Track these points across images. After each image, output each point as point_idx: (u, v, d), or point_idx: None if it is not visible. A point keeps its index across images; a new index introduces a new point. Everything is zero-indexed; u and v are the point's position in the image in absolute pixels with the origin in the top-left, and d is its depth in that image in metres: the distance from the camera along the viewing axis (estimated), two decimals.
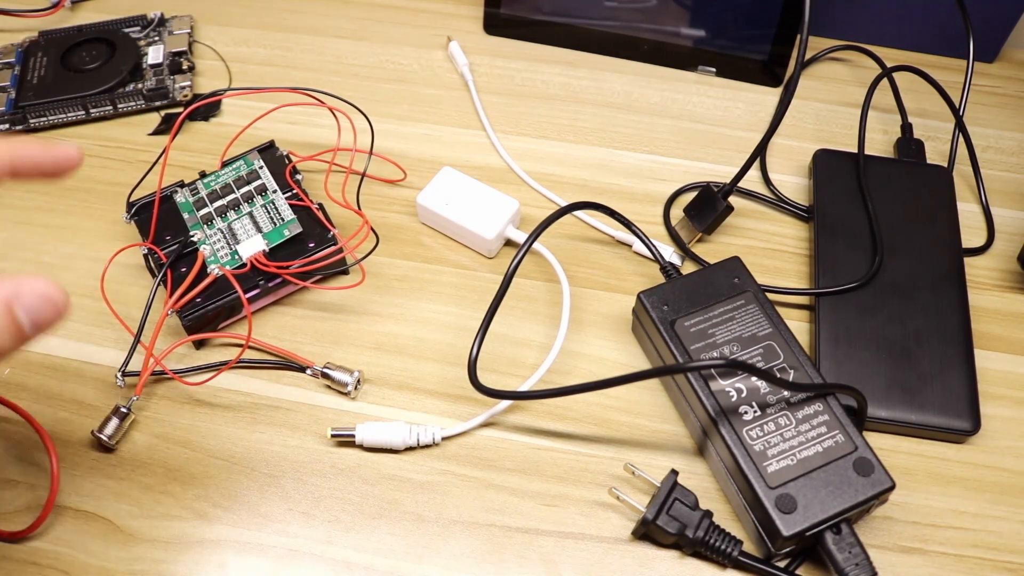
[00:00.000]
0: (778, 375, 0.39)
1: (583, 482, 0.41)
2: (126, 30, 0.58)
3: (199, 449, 0.41)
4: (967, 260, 0.49)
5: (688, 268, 0.48)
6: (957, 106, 0.54)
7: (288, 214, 0.46)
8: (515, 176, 0.52)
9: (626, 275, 0.48)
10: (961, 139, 0.53)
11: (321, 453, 0.41)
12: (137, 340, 0.43)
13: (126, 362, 0.43)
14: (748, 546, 0.38)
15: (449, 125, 0.54)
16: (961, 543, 0.40)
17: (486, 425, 0.43)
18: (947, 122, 0.55)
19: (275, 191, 0.47)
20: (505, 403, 0.42)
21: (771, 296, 0.45)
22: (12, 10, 0.59)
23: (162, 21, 0.59)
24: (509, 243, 0.49)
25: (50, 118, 0.53)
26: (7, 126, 0.53)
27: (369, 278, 0.47)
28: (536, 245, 0.45)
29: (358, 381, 0.43)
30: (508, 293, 0.45)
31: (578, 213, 0.50)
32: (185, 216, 0.46)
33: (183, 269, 0.44)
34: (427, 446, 0.42)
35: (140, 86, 0.54)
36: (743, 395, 0.39)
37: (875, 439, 0.42)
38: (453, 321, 0.46)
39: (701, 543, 0.38)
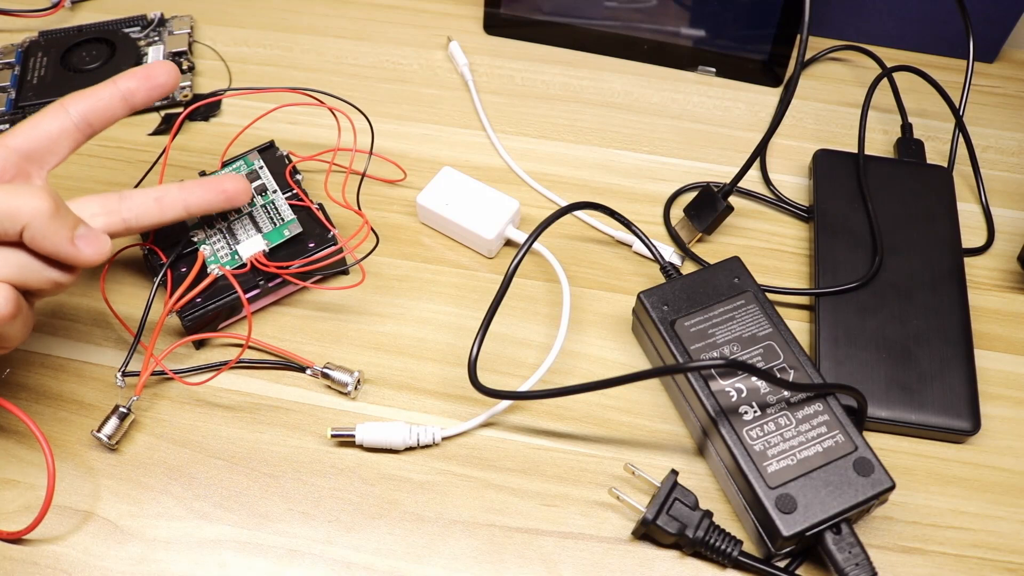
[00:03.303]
0: (778, 375, 0.39)
1: (583, 482, 0.41)
2: (126, 30, 0.58)
3: (199, 449, 0.41)
4: (967, 260, 0.49)
5: (688, 268, 0.48)
6: (957, 106, 0.54)
7: (288, 214, 0.46)
8: (515, 176, 0.52)
9: (626, 275, 0.48)
10: (961, 139, 0.53)
11: (321, 453, 0.41)
12: (137, 340, 0.43)
13: (126, 362, 0.43)
14: (748, 546, 0.38)
15: (449, 125, 0.54)
16: (961, 543, 0.40)
17: (486, 425, 0.43)
18: (947, 122, 0.55)
19: (275, 191, 0.47)
20: (505, 403, 0.42)
21: (771, 296, 0.45)
22: (12, 10, 0.59)
23: (162, 21, 0.59)
24: (509, 243, 0.49)
25: None
26: (7, 126, 0.53)
27: (369, 278, 0.47)
28: (536, 245, 0.45)
29: (358, 381, 0.43)
30: (508, 293, 0.45)
31: (578, 213, 0.50)
32: None
33: (183, 269, 0.44)
34: (427, 446, 0.42)
35: None
36: (743, 395, 0.39)
37: (875, 439, 0.42)
38: (453, 321, 0.46)
39: (701, 543, 0.38)
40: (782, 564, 0.38)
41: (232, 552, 0.39)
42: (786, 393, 0.39)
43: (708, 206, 0.48)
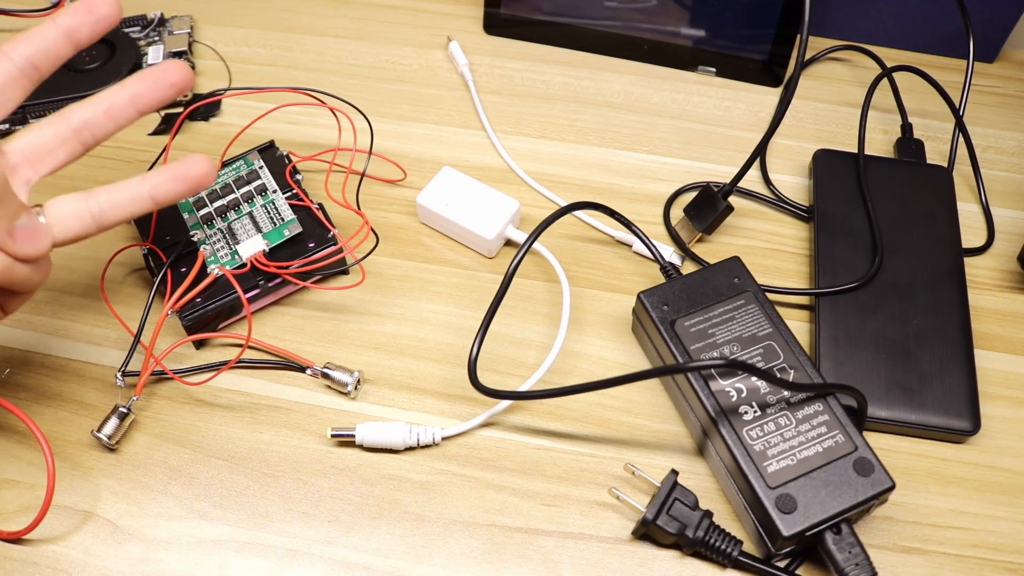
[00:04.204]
0: (778, 375, 0.39)
1: (583, 482, 0.41)
2: (126, 30, 0.58)
3: (199, 449, 0.41)
4: (967, 260, 0.49)
5: (688, 268, 0.48)
6: (957, 106, 0.54)
7: (288, 214, 0.46)
8: (515, 176, 0.52)
9: (626, 275, 0.48)
10: (961, 139, 0.53)
11: (321, 453, 0.41)
12: (137, 340, 0.43)
13: (126, 362, 0.43)
14: (748, 546, 0.38)
15: (449, 125, 0.54)
16: (961, 543, 0.40)
17: (486, 425, 0.43)
18: (947, 122, 0.55)
19: (275, 191, 0.47)
20: (505, 403, 0.42)
21: (771, 296, 0.45)
22: (12, 10, 0.59)
23: (162, 21, 0.59)
24: (509, 243, 0.49)
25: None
26: (7, 126, 0.53)
27: (369, 278, 0.47)
28: (536, 245, 0.45)
29: (358, 381, 0.43)
30: (508, 293, 0.45)
31: (578, 213, 0.50)
32: (185, 216, 0.46)
33: (183, 269, 0.44)
34: (427, 446, 0.42)
35: None
36: (743, 395, 0.39)
37: (875, 439, 0.42)
38: (453, 321, 0.46)
39: (701, 543, 0.38)
40: (782, 564, 0.38)
41: (232, 552, 0.39)
42: (786, 393, 0.39)
43: (708, 206, 0.48)
